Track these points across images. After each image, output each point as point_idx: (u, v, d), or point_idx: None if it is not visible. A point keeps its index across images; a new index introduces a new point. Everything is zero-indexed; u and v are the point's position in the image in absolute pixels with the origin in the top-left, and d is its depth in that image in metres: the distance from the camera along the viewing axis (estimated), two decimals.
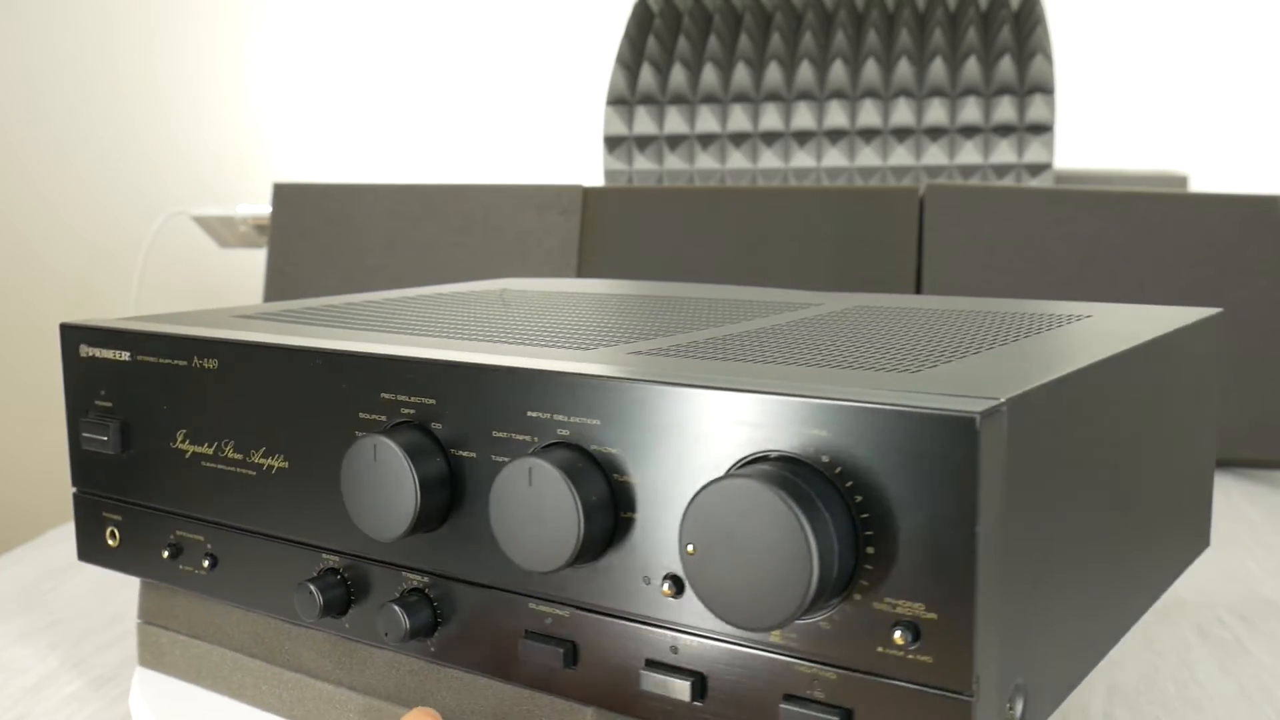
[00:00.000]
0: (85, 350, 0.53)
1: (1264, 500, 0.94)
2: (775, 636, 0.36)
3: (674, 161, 1.35)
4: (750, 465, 0.35)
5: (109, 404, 0.53)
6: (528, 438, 0.40)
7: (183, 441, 0.51)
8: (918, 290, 1.07)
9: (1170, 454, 0.53)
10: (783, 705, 0.36)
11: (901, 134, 1.31)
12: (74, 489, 0.55)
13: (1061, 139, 1.66)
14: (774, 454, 0.35)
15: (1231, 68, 1.77)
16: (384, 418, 0.44)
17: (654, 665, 0.38)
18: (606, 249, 1.12)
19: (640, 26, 1.40)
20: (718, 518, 0.34)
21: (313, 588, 0.46)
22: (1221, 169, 1.74)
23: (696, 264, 1.10)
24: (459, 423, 0.42)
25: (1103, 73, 1.78)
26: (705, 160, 1.35)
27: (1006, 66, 1.30)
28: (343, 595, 0.46)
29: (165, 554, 0.52)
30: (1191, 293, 1.03)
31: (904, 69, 1.32)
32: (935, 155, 1.30)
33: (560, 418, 0.39)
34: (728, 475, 0.34)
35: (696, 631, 0.38)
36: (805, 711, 0.35)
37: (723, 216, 1.11)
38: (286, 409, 0.47)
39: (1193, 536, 0.58)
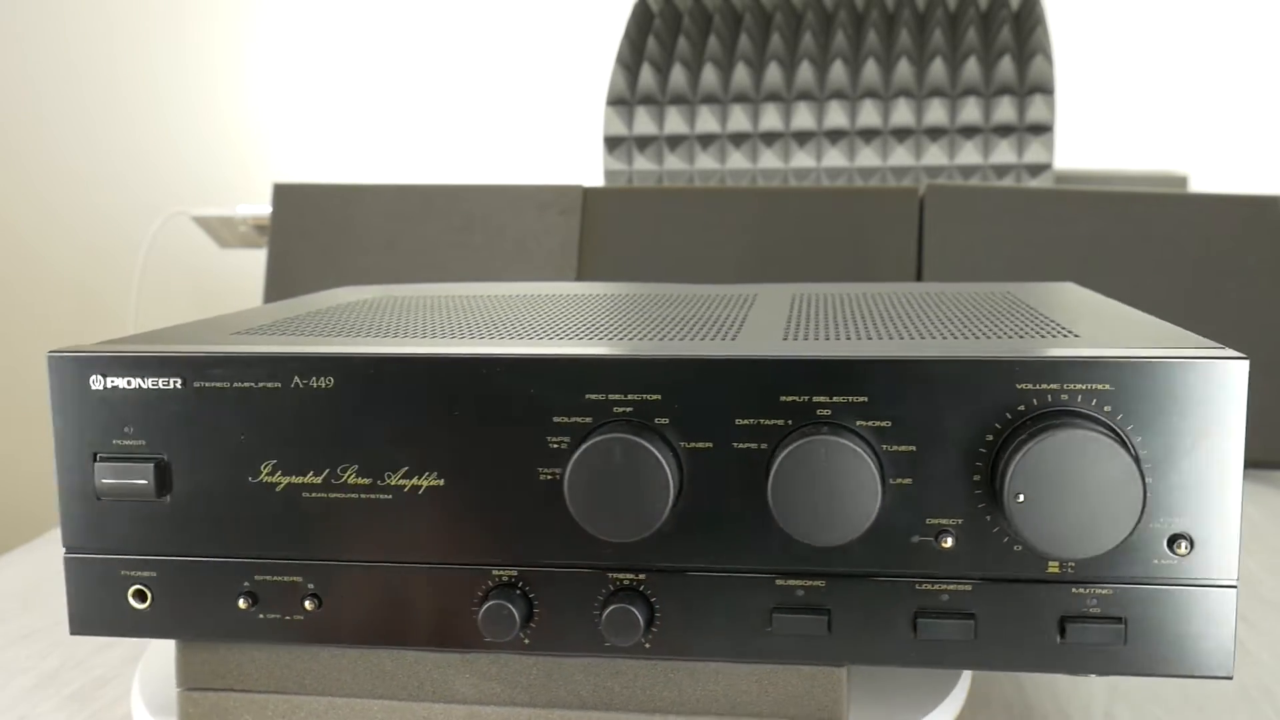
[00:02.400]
0: (99, 382, 0.46)
1: (1264, 500, 0.94)
2: (1053, 568, 0.42)
3: (674, 161, 1.35)
4: (1051, 419, 0.40)
5: (139, 441, 0.46)
6: (782, 422, 0.42)
7: (272, 474, 0.45)
8: None
9: None
10: (1067, 625, 0.42)
11: (901, 134, 1.31)
12: (64, 550, 0.47)
13: (1061, 139, 1.66)
14: (1059, 408, 0.41)
15: (1231, 68, 1.77)
16: (590, 419, 0.43)
17: (927, 613, 0.43)
18: (606, 249, 1.12)
19: (640, 27, 1.40)
20: (1047, 467, 0.39)
21: (507, 604, 0.43)
22: (1221, 169, 1.74)
23: (697, 264, 1.10)
24: (692, 415, 0.43)
25: (1103, 73, 1.78)
26: (705, 160, 1.34)
27: (1006, 67, 1.30)
28: (527, 609, 0.44)
29: (242, 604, 0.46)
30: (1191, 293, 1.03)
31: (904, 69, 1.32)
32: (935, 155, 1.30)
33: (820, 399, 0.42)
34: (1050, 429, 0.40)
35: (964, 576, 0.43)
36: (1086, 626, 0.42)
37: (723, 216, 1.11)
38: (440, 423, 0.44)
39: None
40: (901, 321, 0.53)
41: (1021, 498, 0.40)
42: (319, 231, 1.16)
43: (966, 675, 0.56)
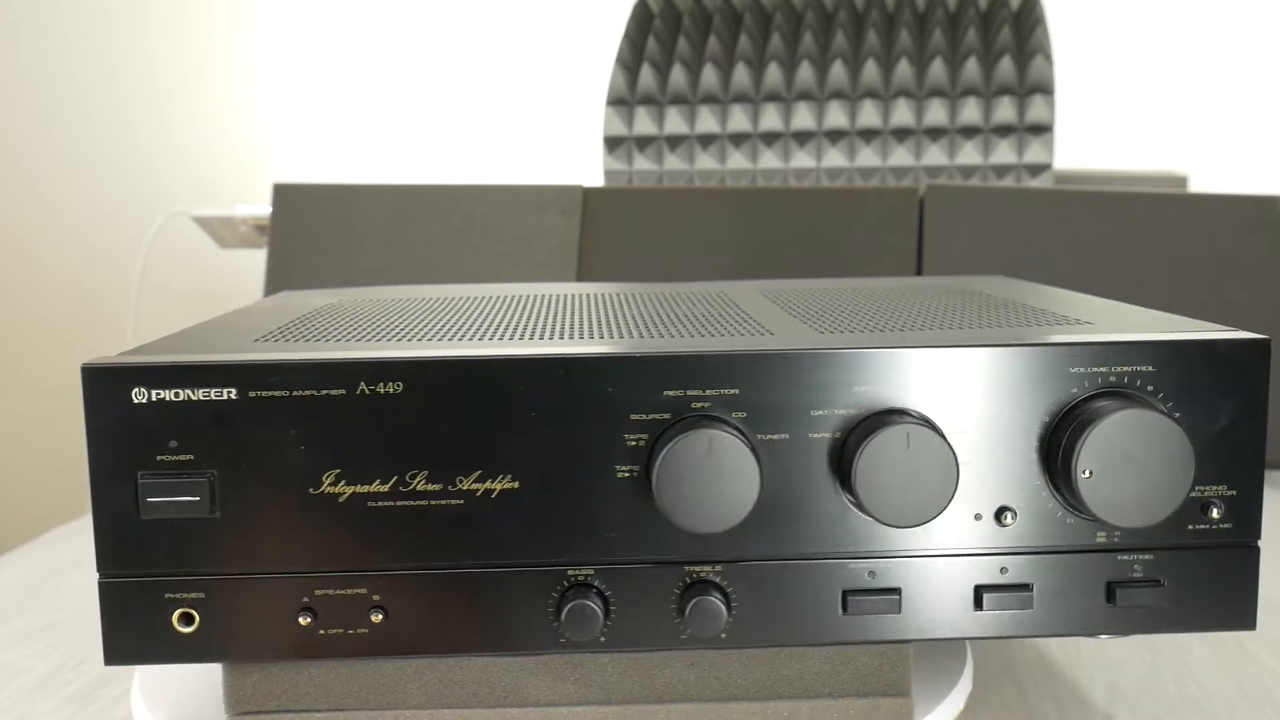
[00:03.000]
0: (142, 394, 0.43)
1: (1264, 500, 0.94)
2: (1101, 537, 0.46)
3: (674, 161, 1.35)
4: (1106, 400, 0.44)
5: (186, 456, 0.43)
6: (849, 411, 0.44)
7: (334, 484, 0.44)
8: None
9: None
10: (1116, 590, 0.46)
11: (901, 134, 1.31)
12: (99, 575, 0.45)
13: (1061, 139, 1.66)
14: (1109, 390, 0.45)
15: (1231, 68, 1.77)
16: (668, 415, 0.43)
17: (989, 587, 0.46)
18: (606, 249, 1.12)
19: (640, 27, 1.40)
20: (1112, 445, 0.43)
21: (590, 603, 0.43)
22: (1221, 169, 1.74)
23: (696, 264, 1.10)
24: (768, 408, 0.44)
25: (1103, 73, 1.78)
26: (705, 160, 1.34)
27: (1006, 67, 1.30)
28: (604, 607, 0.44)
29: (302, 620, 0.44)
30: (1191, 293, 1.03)
31: (904, 69, 1.32)
32: (935, 155, 1.30)
33: (887, 389, 0.44)
34: (1110, 409, 0.43)
35: (1023, 549, 0.46)
36: (1131, 590, 0.46)
37: (723, 217, 1.11)
38: (514, 424, 0.44)
39: None
40: (898, 314, 0.54)
41: (1089, 473, 0.43)
42: (319, 231, 1.16)
43: (968, 675, 0.56)
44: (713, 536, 0.44)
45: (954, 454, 0.43)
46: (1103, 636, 0.48)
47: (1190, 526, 0.46)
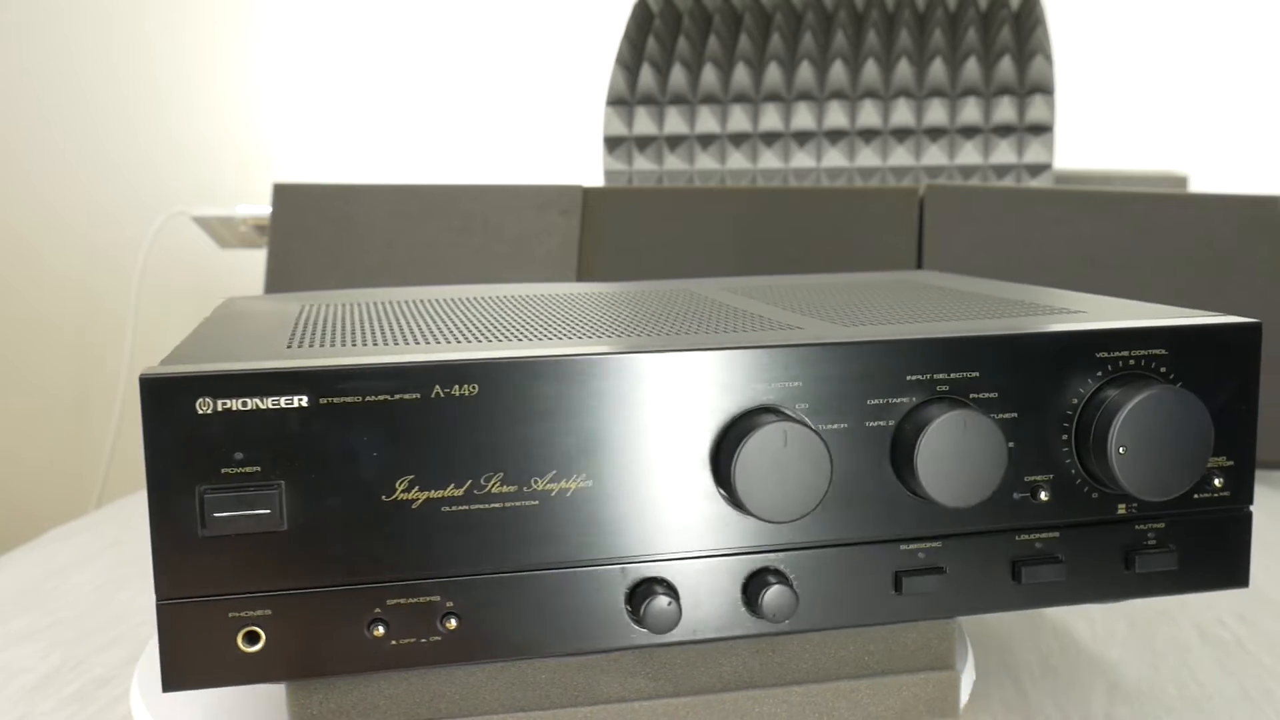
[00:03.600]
0: (207, 405, 0.41)
1: (1264, 500, 0.94)
2: (1121, 509, 0.49)
3: (674, 161, 1.35)
4: (1130, 382, 0.47)
5: (254, 468, 0.41)
6: (904, 399, 0.46)
7: (410, 489, 0.43)
8: None
9: None
10: (1135, 557, 0.49)
11: (901, 134, 1.31)
12: (158, 598, 0.42)
13: (1061, 139, 1.66)
14: (1130, 372, 0.48)
15: (1231, 68, 1.77)
16: (735, 409, 0.45)
17: (1026, 561, 0.48)
18: (606, 249, 1.12)
19: (640, 27, 1.40)
20: (1143, 423, 0.46)
21: (669, 597, 0.44)
22: (1221, 169, 1.74)
23: (696, 264, 1.10)
24: (827, 399, 0.46)
25: (1103, 73, 1.78)
26: (705, 160, 1.35)
27: (1006, 67, 1.30)
28: (676, 600, 0.45)
29: (374, 632, 0.43)
30: (1191, 293, 1.03)
31: (904, 69, 1.32)
32: (935, 155, 1.30)
33: (940, 375, 0.46)
34: (1138, 390, 0.46)
35: (1054, 525, 0.48)
36: (1148, 556, 0.49)
37: (723, 216, 1.11)
38: (588, 424, 0.44)
39: None
40: (889, 308, 0.56)
41: (1123, 450, 0.46)
42: (319, 231, 1.16)
43: (969, 675, 0.56)
44: (777, 525, 0.45)
45: (1004, 436, 0.46)
46: (1101, 638, 0.48)
47: (1195, 495, 0.49)
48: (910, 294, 0.64)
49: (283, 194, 1.17)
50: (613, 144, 1.36)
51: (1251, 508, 0.51)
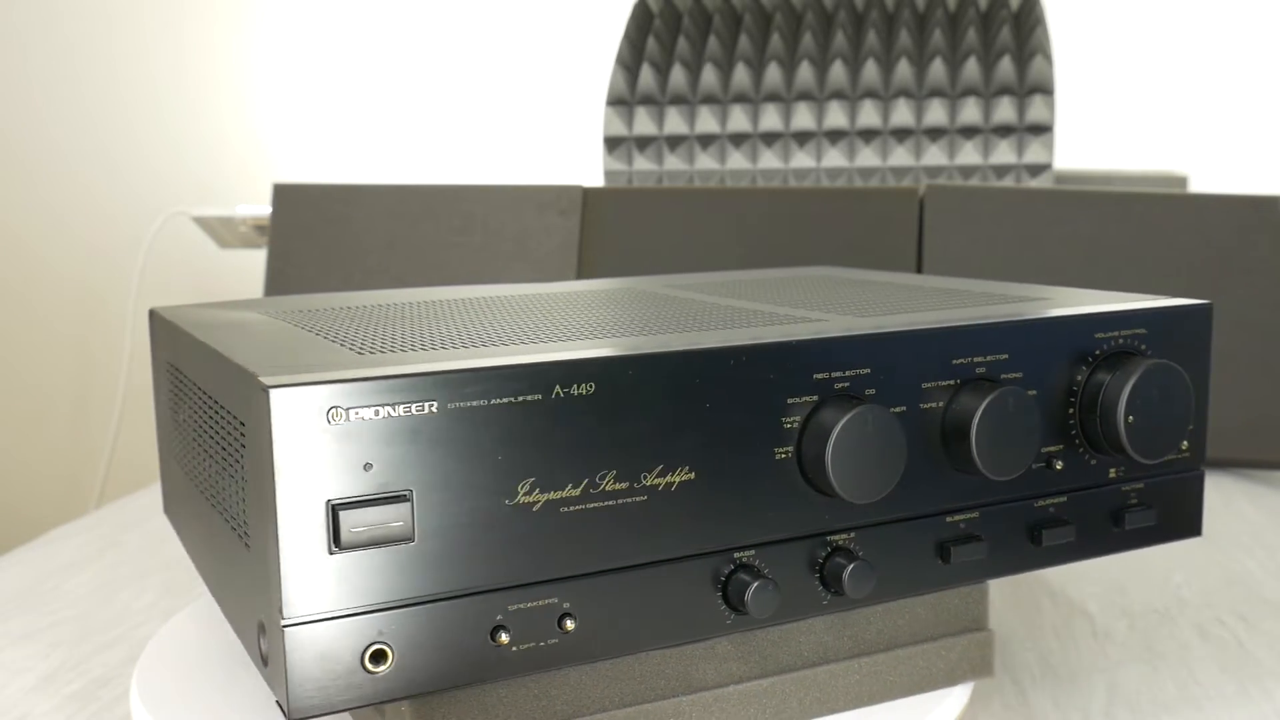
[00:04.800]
0: (340, 415, 0.39)
1: (1264, 500, 0.94)
2: (1113, 473, 0.54)
3: (674, 162, 1.35)
4: (1120, 360, 0.52)
5: (384, 479, 0.40)
6: (953, 382, 0.49)
7: (531, 492, 0.42)
8: None
9: None
10: (1125, 515, 0.54)
11: (901, 134, 1.31)
12: (284, 620, 0.39)
13: (1061, 139, 1.66)
14: (1113, 351, 0.53)
15: (1231, 68, 1.77)
16: (815, 397, 0.46)
17: (1043, 524, 0.52)
18: (606, 249, 1.12)
19: (640, 27, 1.40)
20: (1146, 394, 0.51)
21: (767, 582, 0.45)
22: (1221, 169, 1.74)
23: (696, 264, 1.10)
24: (889, 384, 0.48)
25: (1103, 73, 1.78)
26: (705, 160, 1.34)
27: (1006, 67, 1.30)
28: (775, 583, 0.47)
29: (499, 639, 0.42)
30: (1191, 293, 1.03)
31: (904, 70, 1.32)
32: (935, 155, 1.30)
33: (979, 359, 0.50)
34: (1145, 369, 0.51)
35: (1069, 487, 0.53)
36: (1133, 514, 0.54)
37: (723, 217, 1.11)
38: (690, 417, 0.44)
39: None
40: (860, 301, 0.57)
41: (1131, 419, 0.51)
42: (319, 231, 1.16)
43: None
44: (845, 506, 0.48)
45: (1039, 412, 0.50)
46: (1101, 638, 0.48)
47: (1167, 458, 0.54)
48: (848, 286, 0.67)
49: (283, 194, 1.17)
50: (613, 144, 1.36)
51: (1205, 468, 0.57)
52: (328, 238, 1.16)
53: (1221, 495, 0.95)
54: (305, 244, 1.16)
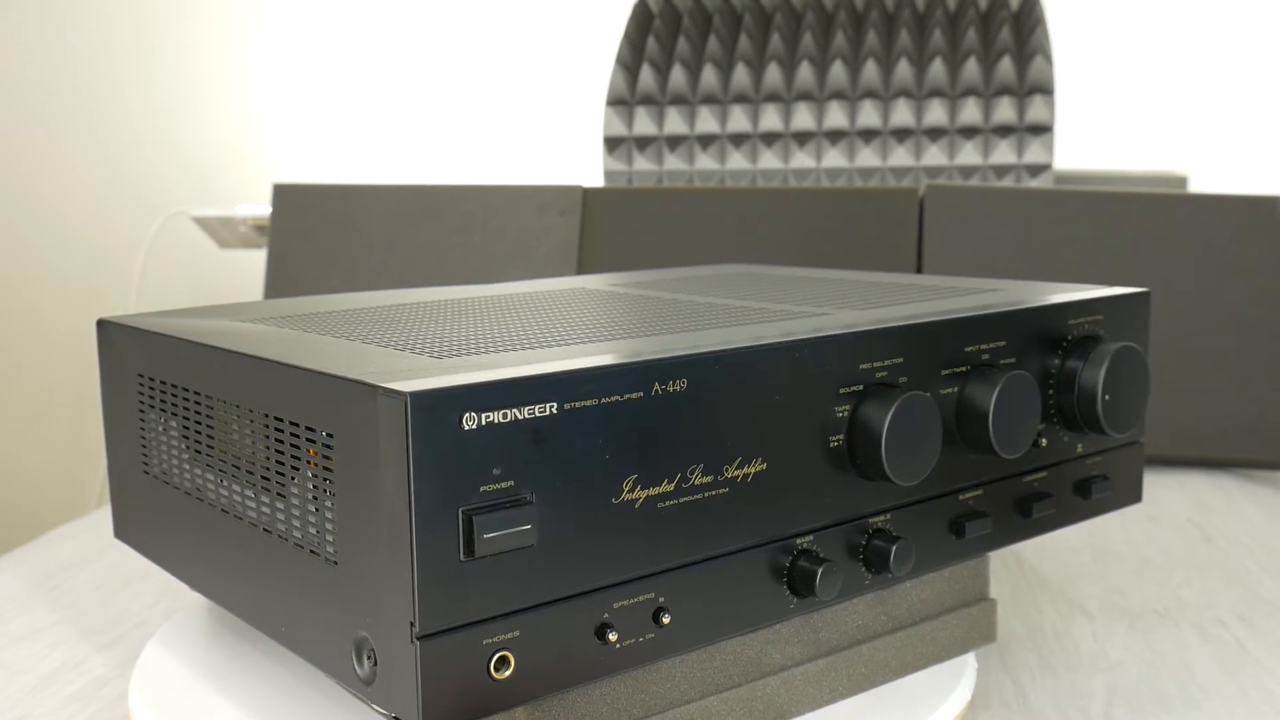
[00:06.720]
0: (473, 420, 0.38)
1: (1264, 500, 0.94)
2: (1080, 448, 0.58)
3: (674, 162, 1.35)
4: (1091, 344, 0.56)
5: (508, 483, 0.39)
6: (965, 368, 0.52)
7: (634, 489, 0.42)
8: None
9: None
10: (1091, 485, 0.59)
11: (901, 134, 1.31)
12: (419, 630, 0.38)
13: (1061, 139, 1.66)
14: (1081, 336, 0.57)
15: (1231, 68, 1.77)
16: (860, 386, 0.49)
17: (1030, 498, 0.56)
18: (606, 249, 1.12)
19: (640, 27, 1.40)
20: (1119, 374, 0.55)
21: (833, 564, 0.47)
22: (1221, 169, 1.74)
23: (696, 264, 1.10)
24: (917, 371, 0.51)
25: (1103, 73, 1.78)
26: (705, 161, 1.35)
27: (1006, 67, 1.30)
28: (839, 567, 0.49)
29: (607, 637, 0.42)
30: (1191, 293, 1.03)
31: (904, 70, 1.32)
32: (935, 156, 1.30)
33: (985, 346, 0.53)
34: (1115, 351, 0.55)
35: (1049, 463, 0.57)
36: (1095, 484, 0.59)
37: (723, 216, 1.11)
38: (763, 409, 0.46)
39: None
40: (846, 294, 0.61)
41: (1108, 397, 0.55)
42: (319, 231, 1.16)
43: (970, 675, 0.56)
44: (880, 489, 0.50)
45: (1040, 393, 0.53)
46: (1101, 638, 0.48)
47: (1117, 433, 0.58)
48: (794, 282, 0.69)
49: (283, 194, 1.17)
50: (613, 144, 1.36)
51: (1143, 439, 0.62)
52: (328, 238, 1.16)
53: (1222, 495, 0.95)
54: (305, 244, 1.16)
